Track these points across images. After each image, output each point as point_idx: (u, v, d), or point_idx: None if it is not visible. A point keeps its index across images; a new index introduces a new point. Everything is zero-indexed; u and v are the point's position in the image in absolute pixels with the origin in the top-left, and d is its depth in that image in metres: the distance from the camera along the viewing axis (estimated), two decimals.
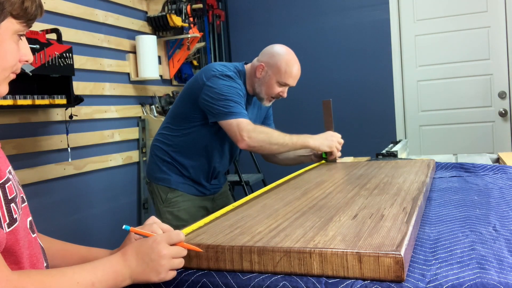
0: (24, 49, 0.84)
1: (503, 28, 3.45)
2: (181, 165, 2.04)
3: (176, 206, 2.05)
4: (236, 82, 1.95)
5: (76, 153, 2.59)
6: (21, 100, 2.09)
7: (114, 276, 0.82)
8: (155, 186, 2.08)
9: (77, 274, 0.78)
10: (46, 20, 2.40)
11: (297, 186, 1.46)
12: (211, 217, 1.14)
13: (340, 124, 3.80)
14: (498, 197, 1.34)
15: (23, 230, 0.82)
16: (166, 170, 2.05)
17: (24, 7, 0.79)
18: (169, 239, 0.87)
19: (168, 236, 0.87)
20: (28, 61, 0.86)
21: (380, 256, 0.78)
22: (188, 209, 2.07)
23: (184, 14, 3.36)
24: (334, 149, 1.97)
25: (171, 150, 2.05)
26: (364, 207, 1.12)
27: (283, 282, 0.82)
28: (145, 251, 0.85)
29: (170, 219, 2.02)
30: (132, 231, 0.91)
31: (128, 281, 0.84)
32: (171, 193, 2.05)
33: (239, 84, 1.96)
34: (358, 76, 3.72)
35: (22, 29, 0.80)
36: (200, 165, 2.04)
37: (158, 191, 2.07)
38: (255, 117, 2.14)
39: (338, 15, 3.76)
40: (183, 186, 2.06)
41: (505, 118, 3.48)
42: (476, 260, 0.84)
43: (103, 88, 2.82)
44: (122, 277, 0.83)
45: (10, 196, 0.78)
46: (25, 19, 0.80)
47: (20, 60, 0.84)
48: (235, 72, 1.99)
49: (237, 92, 1.92)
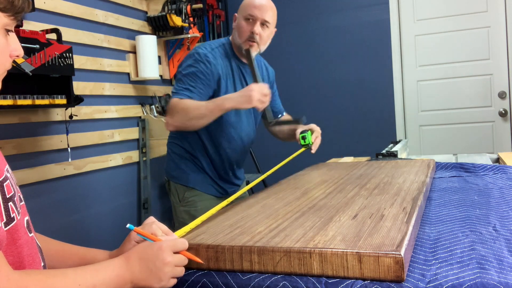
0: (14, 44, 0.82)
1: (503, 28, 3.45)
2: (196, 159, 1.98)
3: (193, 205, 1.99)
4: (204, 61, 1.85)
5: (76, 153, 2.59)
6: (21, 100, 2.09)
7: (116, 280, 0.82)
8: (172, 184, 2.03)
9: (79, 276, 0.78)
10: (46, 20, 2.40)
11: (297, 186, 1.46)
12: (208, 213, 1.14)
13: (340, 124, 3.81)
14: (498, 197, 1.34)
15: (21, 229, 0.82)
16: (183, 168, 2.00)
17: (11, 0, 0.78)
18: (174, 247, 0.86)
19: (173, 244, 0.87)
20: (19, 56, 0.84)
21: (380, 256, 0.78)
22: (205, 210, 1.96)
23: (184, 14, 3.36)
24: (257, 103, 1.72)
25: (185, 144, 1.99)
26: (364, 207, 1.12)
27: (283, 282, 0.82)
28: (149, 257, 0.84)
29: (186, 219, 1.96)
30: (135, 231, 0.90)
31: (129, 286, 0.84)
32: (188, 192, 1.99)
33: (206, 63, 1.85)
34: (358, 76, 3.72)
35: (10, 22, 0.79)
36: (211, 154, 1.97)
37: (175, 190, 2.02)
38: None
39: (338, 15, 3.76)
40: (201, 185, 1.99)
41: (505, 118, 3.48)
42: (476, 260, 0.84)
43: (103, 88, 2.82)
44: (124, 281, 0.83)
45: (8, 195, 0.78)
46: (12, 12, 0.78)
47: (11, 55, 0.82)
48: (218, 47, 1.93)
49: (193, 73, 1.83)
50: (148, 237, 0.89)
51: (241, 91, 1.77)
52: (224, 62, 1.92)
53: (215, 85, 1.88)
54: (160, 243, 0.86)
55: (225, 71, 1.92)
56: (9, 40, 0.81)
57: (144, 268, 0.84)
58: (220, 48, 1.94)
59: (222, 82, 1.90)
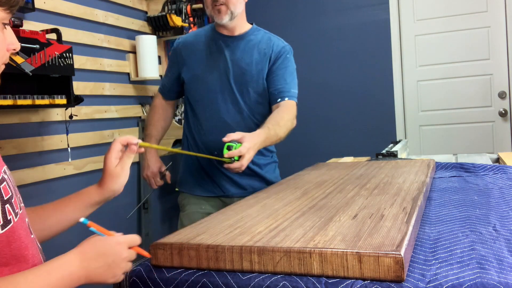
0: (10, 37, 0.82)
1: (503, 28, 3.45)
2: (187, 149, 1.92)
3: (183, 210, 1.93)
4: (175, 48, 1.96)
5: (76, 153, 2.59)
6: (21, 100, 2.09)
7: (70, 278, 0.79)
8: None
9: (31, 284, 0.74)
10: (46, 20, 2.40)
11: (297, 186, 1.46)
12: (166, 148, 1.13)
13: (340, 124, 3.81)
14: (498, 197, 1.34)
15: (24, 230, 0.81)
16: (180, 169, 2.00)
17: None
18: (131, 242, 0.86)
19: (130, 239, 0.86)
20: (16, 49, 0.84)
21: (380, 256, 0.78)
22: (192, 214, 1.90)
23: (184, 14, 3.36)
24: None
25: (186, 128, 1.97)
26: (364, 207, 1.12)
27: (283, 282, 0.82)
28: (108, 252, 0.83)
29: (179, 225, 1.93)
30: (89, 225, 0.88)
31: (83, 281, 0.82)
32: (180, 196, 1.96)
33: (174, 50, 1.96)
34: (358, 76, 3.72)
35: (6, 16, 0.79)
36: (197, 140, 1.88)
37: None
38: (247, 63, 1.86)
39: (338, 15, 3.76)
40: (186, 186, 1.92)
41: (505, 118, 3.48)
42: (476, 260, 0.84)
43: (103, 88, 2.82)
44: (78, 279, 0.80)
45: (6, 197, 0.77)
46: (8, 6, 0.78)
47: (8, 49, 0.82)
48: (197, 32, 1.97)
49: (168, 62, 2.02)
50: (102, 232, 0.88)
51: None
52: (202, 41, 1.91)
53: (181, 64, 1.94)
54: (118, 237, 0.86)
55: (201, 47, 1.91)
56: (5, 34, 0.81)
57: (102, 263, 0.82)
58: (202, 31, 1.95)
59: (192, 57, 1.91)
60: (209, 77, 1.86)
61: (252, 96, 1.85)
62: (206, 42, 1.89)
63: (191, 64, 1.89)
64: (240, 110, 1.85)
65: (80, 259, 0.81)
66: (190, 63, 1.89)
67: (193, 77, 1.89)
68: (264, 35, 1.92)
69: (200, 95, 1.88)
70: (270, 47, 1.87)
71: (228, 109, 1.85)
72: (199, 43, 1.90)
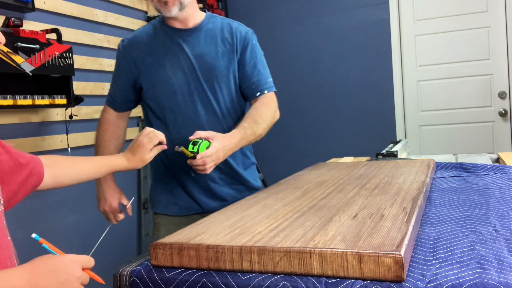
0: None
1: (503, 28, 3.45)
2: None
3: (157, 229, 1.73)
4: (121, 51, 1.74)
5: (76, 153, 2.59)
6: (21, 100, 2.09)
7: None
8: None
9: None
10: (46, 20, 2.40)
11: (297, 186, 1.46)
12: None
13: (340, 124, 3.81)
14: (498, 197, 1.34)
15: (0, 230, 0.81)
16: (152, 186, 1.79)
17: None
18: (85, 263, 0.81)
19: (85, 260, 0.82)
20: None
21: (380, 256, 0.78)
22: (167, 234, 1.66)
23: None
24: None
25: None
26: (364, 207, 1.12)
27: (283, 282, 0.82)
28: (60, 270, 0.78)
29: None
30: (42, 242, 0.83)
31: None
32: (154, 215, 1.76)
33: (121, 53, 1.74)
34: (358, 76, 3.72)
35: None
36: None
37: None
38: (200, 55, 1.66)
39: (338, 15, 3.76)
40: (158, 205, 1.73)
41: (505, 118, 3.48)
42: (476, 260, 0.84)
43: (103, 88, 2.82)
44: None
45: None
46: None
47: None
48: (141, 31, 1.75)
49: (116, 69, 1.78)
50: (54, 250, 0.84)
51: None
52: (153, 39, 1.70)
53: (134, 68, 1.70)
54: (72, 256, 0.81)
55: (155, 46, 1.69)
56: None
57: (53, 280, 0.76)
58: (150, 27, 1.73)
59: (148, 59, 1.68)
60: (173, 79, 1.64)
61: (224, 92, 1.67)
62: (159, 39, 1.67)
63: (148, 67, 1.66)
64: (213, 111, 1.67)
65: (29, 276, 0.75)
66: (146, 66, 1.67)
67: (155, 81, 1.66)
68: (222, 21, 1.73)
69: (167, 100, 1.65)
70: (233, 35, 1.69)
71: (202, 112, 1.65)
72: (151, 41, 1.68)
